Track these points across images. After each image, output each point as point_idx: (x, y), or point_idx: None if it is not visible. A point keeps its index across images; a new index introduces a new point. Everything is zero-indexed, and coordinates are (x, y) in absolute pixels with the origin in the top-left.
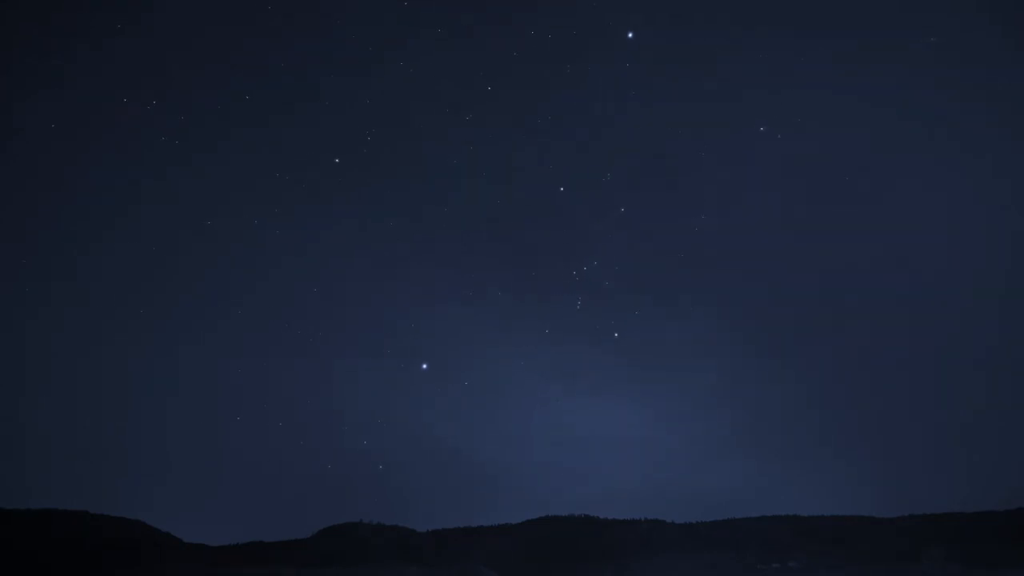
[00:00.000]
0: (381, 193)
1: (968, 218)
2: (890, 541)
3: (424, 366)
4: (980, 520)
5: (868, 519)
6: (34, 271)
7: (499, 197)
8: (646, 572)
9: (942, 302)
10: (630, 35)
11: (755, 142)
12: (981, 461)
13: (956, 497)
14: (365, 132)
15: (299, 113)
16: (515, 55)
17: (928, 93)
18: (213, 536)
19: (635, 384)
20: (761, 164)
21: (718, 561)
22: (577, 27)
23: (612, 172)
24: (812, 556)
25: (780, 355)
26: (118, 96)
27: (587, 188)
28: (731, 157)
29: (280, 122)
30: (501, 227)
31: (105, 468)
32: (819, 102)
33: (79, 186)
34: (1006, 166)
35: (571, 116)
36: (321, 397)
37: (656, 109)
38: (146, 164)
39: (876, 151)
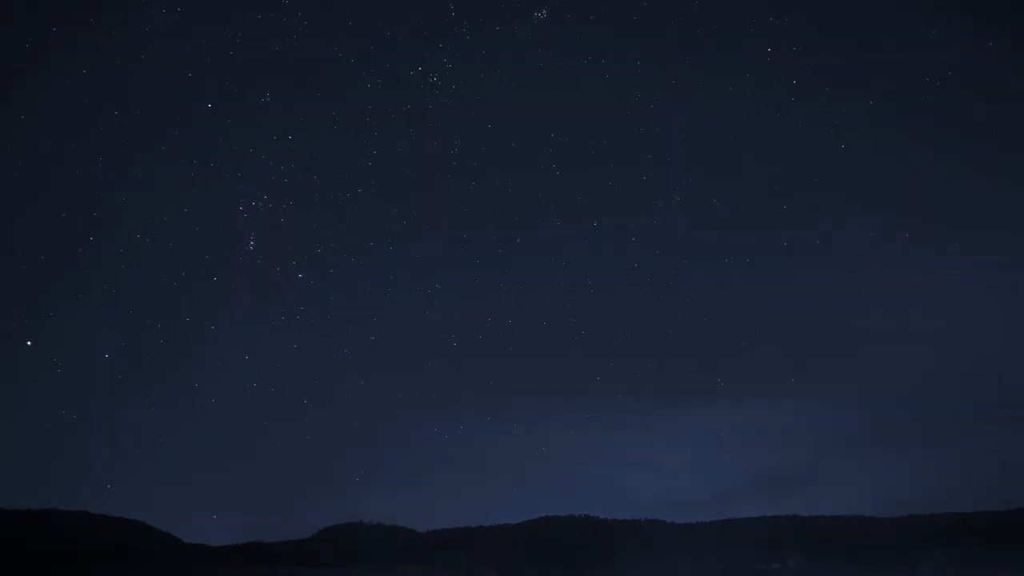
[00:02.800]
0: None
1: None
2: (890, 541)
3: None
4: (980, 520)
5: (868, 519)
6: (32, 268)
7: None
8: (646, 572)
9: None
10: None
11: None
12: (981, 461)
13: (956, 497)
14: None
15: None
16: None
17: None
18: (213, 536)
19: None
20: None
21: (718, 561)
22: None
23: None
24: (812, 556)
25: (784, 357)
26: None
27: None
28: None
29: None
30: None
31: (105, 468)
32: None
33: (78, 186)
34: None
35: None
36: (349, 398)
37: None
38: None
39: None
